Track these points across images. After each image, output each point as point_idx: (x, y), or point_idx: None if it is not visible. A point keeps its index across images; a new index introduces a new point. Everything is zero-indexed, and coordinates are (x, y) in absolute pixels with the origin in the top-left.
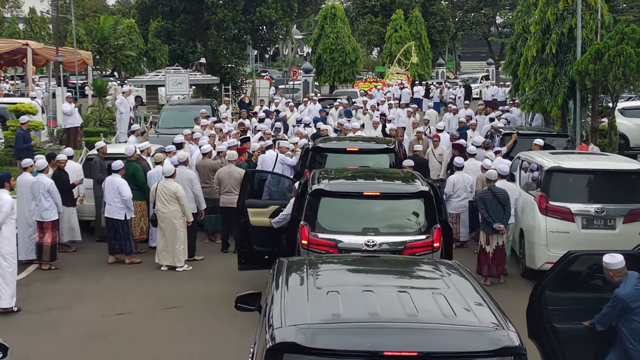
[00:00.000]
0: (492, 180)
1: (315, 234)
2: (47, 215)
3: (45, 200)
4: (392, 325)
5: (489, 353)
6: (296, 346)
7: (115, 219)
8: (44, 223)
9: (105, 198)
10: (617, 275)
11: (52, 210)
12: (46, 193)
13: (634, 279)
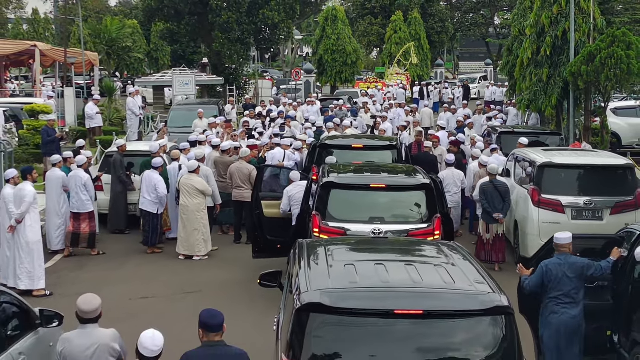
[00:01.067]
0: (493, 174)
1: (325, 223)
2: (84, 207)
3: (82, 194)
4: (401, 290)
5: (482, 312)
6: (321, 306)
7: (148, 211)
8: (81, 214)
9: (141, 191)
10: (559, 249)
11: (88, 202)
12: (83, 187)
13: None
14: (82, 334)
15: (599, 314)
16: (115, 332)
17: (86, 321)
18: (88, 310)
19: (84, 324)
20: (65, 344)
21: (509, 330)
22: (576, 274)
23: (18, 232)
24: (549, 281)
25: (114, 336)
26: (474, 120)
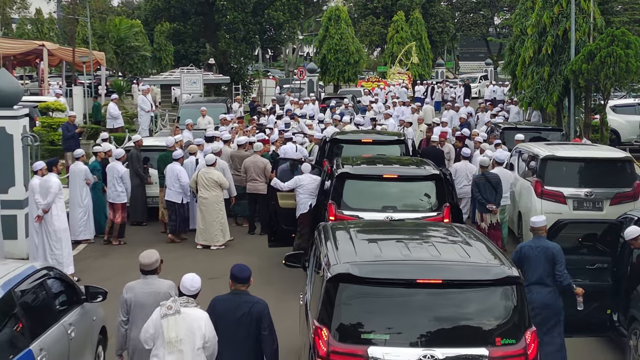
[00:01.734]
0: (485, 167)
1: (340, 211)
2: (119, 199)
3: (118, 185)
4: (421, 262)
5: (495, 282)
6: (350, 276)
7: (173, 201)
8: (115, 205)
9: (166, 183)
10: (536, 232)
11: (123, 194)
12: (119, 179)
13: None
14: (144, 282)
15: (599, 294)
16: (172, 283)
17: (147, 272)
18: (148, 263)
19: (145, 275)
20: (129, 291)
21: (520, 299)
22: (547, 259)
23: (45, 221)
24: (524, 262)
25: (170, 285)
26: (478, 118)
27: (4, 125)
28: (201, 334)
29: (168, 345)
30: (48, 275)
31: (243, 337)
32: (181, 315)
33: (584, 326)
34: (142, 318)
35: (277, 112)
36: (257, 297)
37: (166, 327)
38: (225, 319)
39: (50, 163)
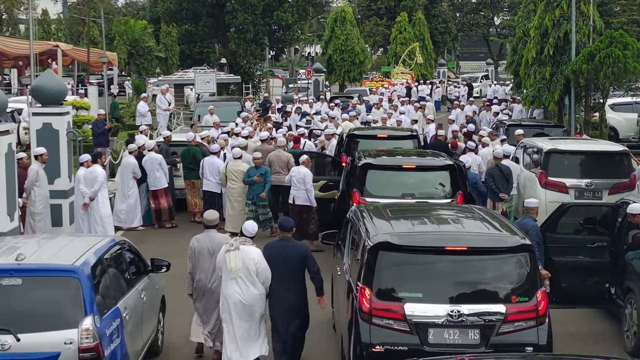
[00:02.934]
0: (499, 158)
1: (363, 198)
2: (160, 184)
3: (157, 171)
4: (449, 233)
5: (510, 249)
6: (389, 244)
7: (213, 192)
8: (158, 191)
9: (205, 175)
10: (528, 212)
11: (162, 179)
12: (158, 165)
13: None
14: (206, 235)
15: (599, 270)
16: (226, 235)
17: (209, 227)
18: (210, 220)
19: (207, 229)
20: (196, 241)
21: (532, 264)
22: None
23: (91, 208)
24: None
25: (225, 238)
26: (481, 116)
27: (51, 121)
28: (254, 265)
29: (230, 272)
30: (124, 247)
31: (289, 272)
32: (240, 250)
33: (585, 298)
34: (204, 261)
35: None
36: (299, 242)
37: (228, 259)
38: (276, 259)
39: (95, 156)
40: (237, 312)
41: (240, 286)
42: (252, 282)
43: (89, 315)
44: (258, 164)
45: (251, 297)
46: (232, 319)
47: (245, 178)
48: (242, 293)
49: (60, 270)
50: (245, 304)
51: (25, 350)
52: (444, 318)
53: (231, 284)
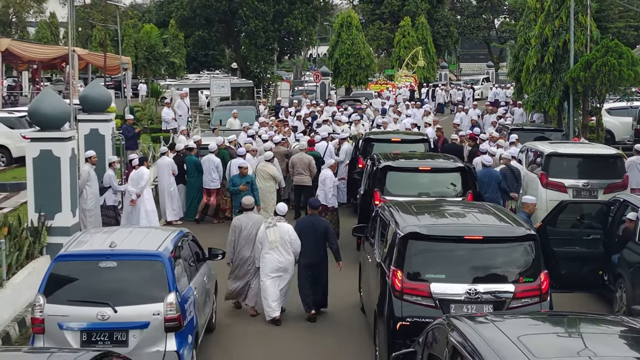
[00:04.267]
0: (509, 159)
1: (384, 197)
2: (214, 184)
3: (214, 174)
4: (467, 224)
5: (519, 238)
6: (417, 234)
7: None
8: (210, 190)
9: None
10: (526, 208)
11: (216, 181)
12: (215, 169)
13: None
14: (246, 216)
15: (594, 259)
16: (261, 216)
17: (247, 210)
18: (248, 204)
19: (246, 212)
20: (237, 220)
21: (537, 251)
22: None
23: (138, 204)
24: None
25: (260, 218)
26: (484, 119)
27: (98, 127)
28: (288, 237)
29: (270, 244)
30: (189, 237)
31: (316, 239)
32: (277, 226)
33: (582, 284)
34: (244, 237)
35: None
36: (323, 218)
37: (269, 234)
38: (305, 231)
39: (142, 159)
40: (275, 273)
41: (277, 254)
42: (287, 250)
43: (172, 292)
44: (244, 173)
45: (286, 262)
46: (271, 279)
47: (230, 187)
48: (279, 259)
49: (147, 255)
50: (280, 267)
51: (122, 320)
52: (463, 295)
53: (271, 253)
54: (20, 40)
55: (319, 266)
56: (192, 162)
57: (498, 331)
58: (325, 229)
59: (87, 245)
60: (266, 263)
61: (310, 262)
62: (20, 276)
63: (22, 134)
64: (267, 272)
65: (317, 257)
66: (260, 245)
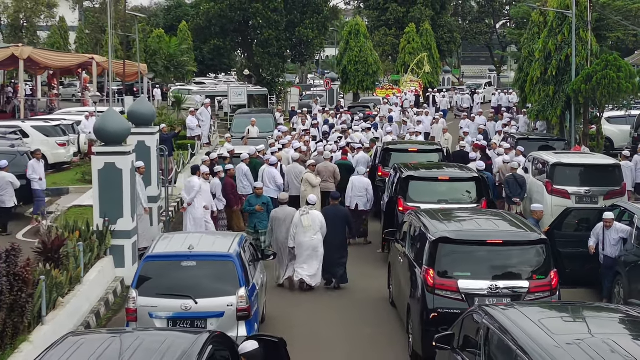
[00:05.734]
0: (515, 168)
1: (406, 204)
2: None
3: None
4: (488, 230)
5: (532, 242)
6: (447, 238)
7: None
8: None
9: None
10: (533, 214)
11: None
12: (244, 176)
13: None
14: (281, 208)
15: (590, 258)
16: (294, 209)
17: (282, 204)
18: (284, 199)
19: (282, 205)
20: (275, 213)
21: (547, 252)
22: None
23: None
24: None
25: (293, 210)
26: (488, 127)
27: (144, 139)
28: (319, 223)
29: (304, 228)
30: (248, 241)
31: (338, 225)
32: (309, 214)
33: (585, 280)
34: (279, 225)
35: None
36: (343, 207)
37: (303, 220)
38: (330, 217)
39: (194, 169)
40: (309, 252)
41: (311, 237)
42: (317, 233)
43: (243, 287)
44: (260, 193)
45: (317, 242)
46: (306, 258)
47: (247, 207)
48: (311, 240)
49: (221, 255)
50: (313, 246)
51: (201, 311)
52: (486, 290)
53: (305, 235)
54: (43, 49)
55: (339, 244)
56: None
57: (523, 315)
58: (345, 216)
59: (169, 247)
60: (302, 244)
61: (333, 241)
62: (92, 274)
63: (58, 141)
64: (302, 251)
65: (340, 237)
66: (295, 229)
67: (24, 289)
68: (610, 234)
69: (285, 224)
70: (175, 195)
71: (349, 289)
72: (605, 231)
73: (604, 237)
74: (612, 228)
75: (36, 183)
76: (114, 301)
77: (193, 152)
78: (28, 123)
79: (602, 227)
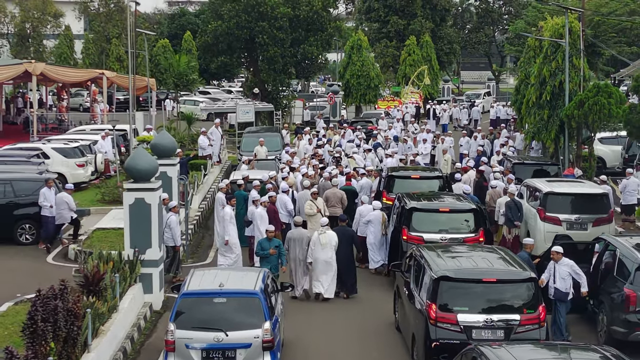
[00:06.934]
0: (513, 194)
1: (410, 233)
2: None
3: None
4: (484, 269)
5: (523, 280)
6: (447, 277)
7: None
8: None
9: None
10: (527, 248)
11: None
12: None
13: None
14: (296, 229)
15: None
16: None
17: (297, 226)
18: (298, 222)
19: (296, 227)
20: (290, 234)
21: (536, 288)
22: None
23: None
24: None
25: (307, 232)
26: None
27: (166, 170)
28: (334, 241)
29: (322, 245)
30: (270, 275)
31: (345, 244)
32: (326, 233)
33: (574, 308)
34: (294, 246)
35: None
36: (350, 228)
37: (320, 238)
38: (340, 236)
39: (227, 199)
40: (325, 266)
41: (326, 253)
42: (332, 250)
43: (268, 320)
44: (271, 237)
45: (331, 258)
46: (322, 271)
47: (259, 251)
48: (327, 256)
49: (248, 293)
50: (328, 261)
51: (231, 342)
52: (482, 323)
53: (322, 252)
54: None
55: (346, 261)
56: (241, 196)
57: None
58: (351, 236)
59: (202, 285)
60: (318, 259)
61: (342, 257)
62: (126, 301)
63: (77, 162)
64: (318, 265)
65: (347, 254)
66: (313, 246)
67: (75, 322)
68: (560, 268)
69: (299, 243)
70: (191, 217)
71: (357, 311)
72: (555, 265)
73: (554, 271)
74: (561, 262)
75: (47, 210)
76: (145, 326)
77: (206, 172)
78: (48, 145)
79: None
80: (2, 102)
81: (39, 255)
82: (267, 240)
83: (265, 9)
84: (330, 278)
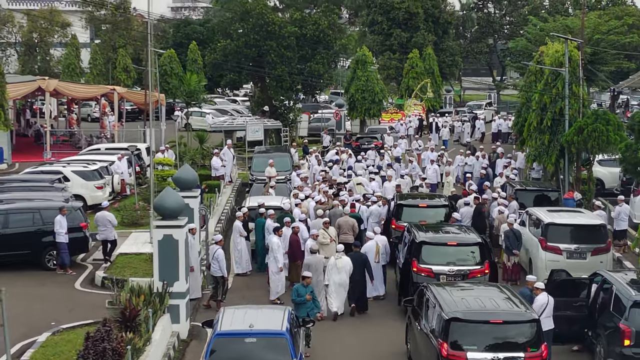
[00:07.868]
0: (512, 223)
1: (419, 265)
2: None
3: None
4: (491, 311)
5: (527, 321)
6: (457, 319)
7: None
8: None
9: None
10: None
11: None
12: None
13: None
14: (312, 256)
15: (580, 321)
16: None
17: (313, 252)
18: (314, 249)
19: (312, 254)
20: (308, 260)
21: (538, 329)
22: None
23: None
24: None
25: (322, 257)
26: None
27: (188, 202)
28: (349, 265)
29: (338, 269)
30: (293, 313)
31: (359, 267)
32: (342, 258)
33: (572, 339)
34: (311, 271)
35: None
36: (363, 253)
37: (337, 262)
38: (354, 261)
39: (276, 229)
40: (340, 288)
41: (341, 275)
42: (347, 273)
43: (294, 358)
44: (309, 282)
45: (345, 280)
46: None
47: (295, 297)
48: (341, 278)
49: (276, 333)
50: (342, 284)
51: None
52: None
53: (338, 275)
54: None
55: (360, 282)
56: (261, 224)
57: None
58: (364, 261)
59: (233, 325)
60: (334, 281)
61: (356, 279)
62: (157, 333)
63: (95, 184)
64: (334, 287)
65: (360, 276)
66: (330, 270)
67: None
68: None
69: (315, 268)
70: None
71: (369, 340)
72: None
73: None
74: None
75: (62, 237)
76: (174, 355)
77: (219, 194)
78: (68, 168)
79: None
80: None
81: (65, 281)
82: (304, 286)
83: (274, 28)
84: (341, 299)
